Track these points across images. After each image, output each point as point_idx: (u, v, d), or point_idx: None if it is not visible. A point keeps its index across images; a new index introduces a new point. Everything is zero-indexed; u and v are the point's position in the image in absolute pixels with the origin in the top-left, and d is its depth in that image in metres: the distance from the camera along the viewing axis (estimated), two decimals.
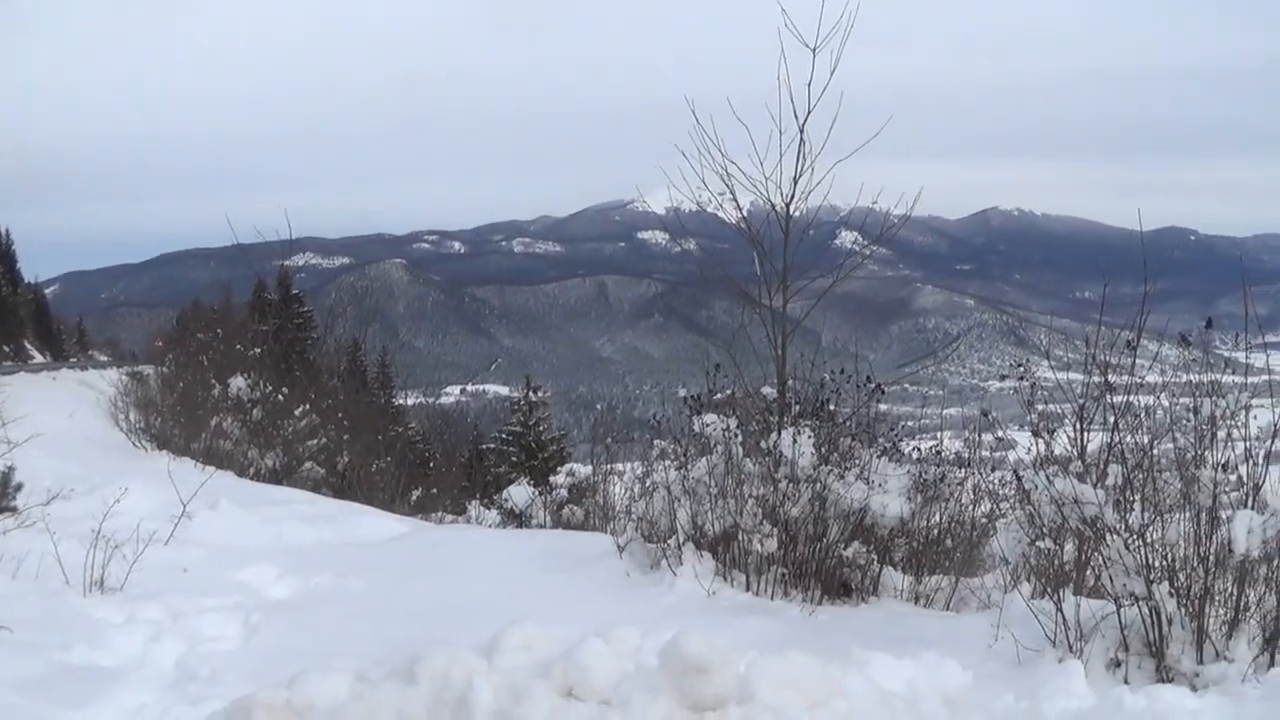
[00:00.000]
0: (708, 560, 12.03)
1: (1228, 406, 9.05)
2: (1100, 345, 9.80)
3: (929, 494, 12.31)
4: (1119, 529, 8.87)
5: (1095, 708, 6.42)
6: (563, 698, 6.50)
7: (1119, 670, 8.95)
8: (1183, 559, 9.01)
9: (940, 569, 12.63)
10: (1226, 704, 7.05)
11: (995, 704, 7.06)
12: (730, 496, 11.97)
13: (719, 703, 6.23)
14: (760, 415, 12.64)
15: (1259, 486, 8.99)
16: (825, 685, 6.45)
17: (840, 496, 11.65)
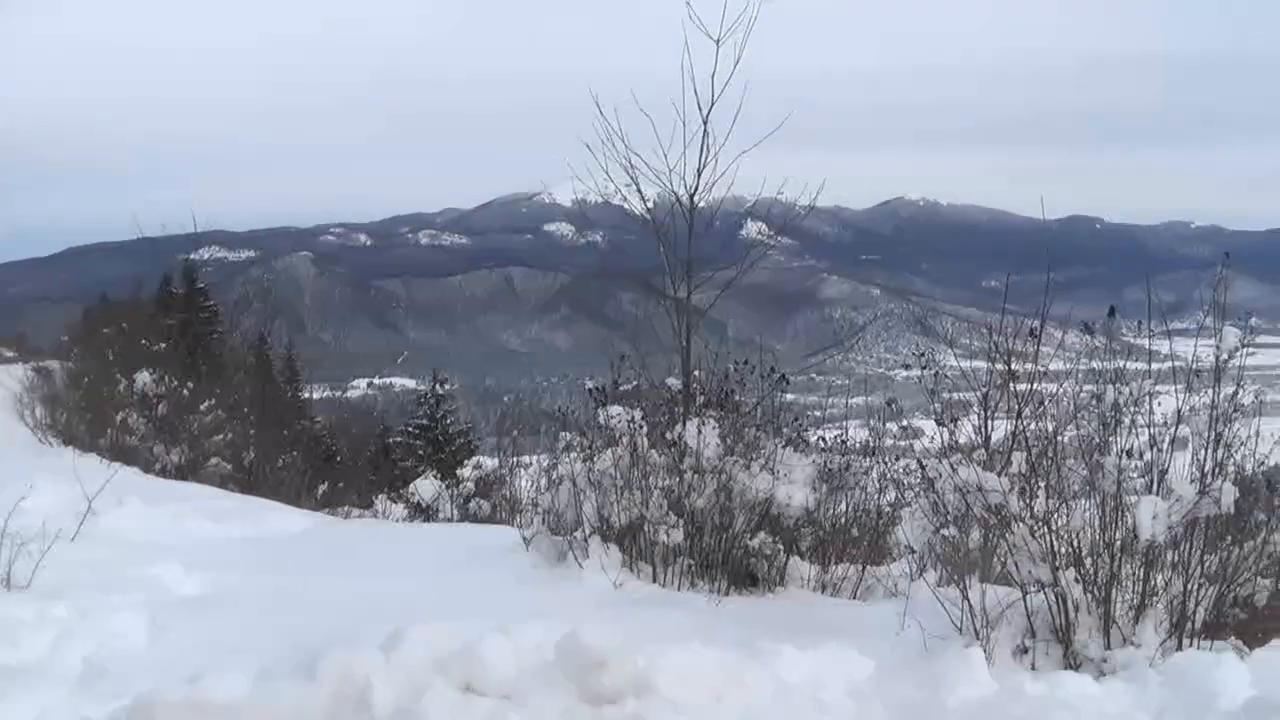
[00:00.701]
0: (614, 552, 12.01)
1: (1130, 393, 9.13)
2: (1005, 334, 9.86)
3: (834, 483, 12.36)
4: (1024, 516, 8.93)
5: (996, 695, 6.46)
6: (462, 693, 6.48)
7: (1026, 657, 9.02)
8: (1089, 545, 9.08)
9: (847, 558, 12.69)
10: (1129, 689, 7.10)
11: (897, 693, 7.09)
12: (636, 488, 11.96)
13: (617, 696, 6.22)
14: (665, 407, 12.62)
15: (1164, 472, 9.09)
16: (724, 677, 6.47)
17: (746, 487, 11.67)
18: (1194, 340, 9.37)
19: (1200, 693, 6.40)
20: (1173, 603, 9.19)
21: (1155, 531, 8.59)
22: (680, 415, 12.23)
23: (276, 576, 12.40)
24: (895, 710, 6.72)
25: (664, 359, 13.14)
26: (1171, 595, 9.21)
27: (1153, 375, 9.40)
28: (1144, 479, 9.14)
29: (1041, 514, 8.88)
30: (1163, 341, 9.42)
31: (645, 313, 13.42)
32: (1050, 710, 5.95)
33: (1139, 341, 9.63)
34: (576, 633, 6.35)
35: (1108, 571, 8.96)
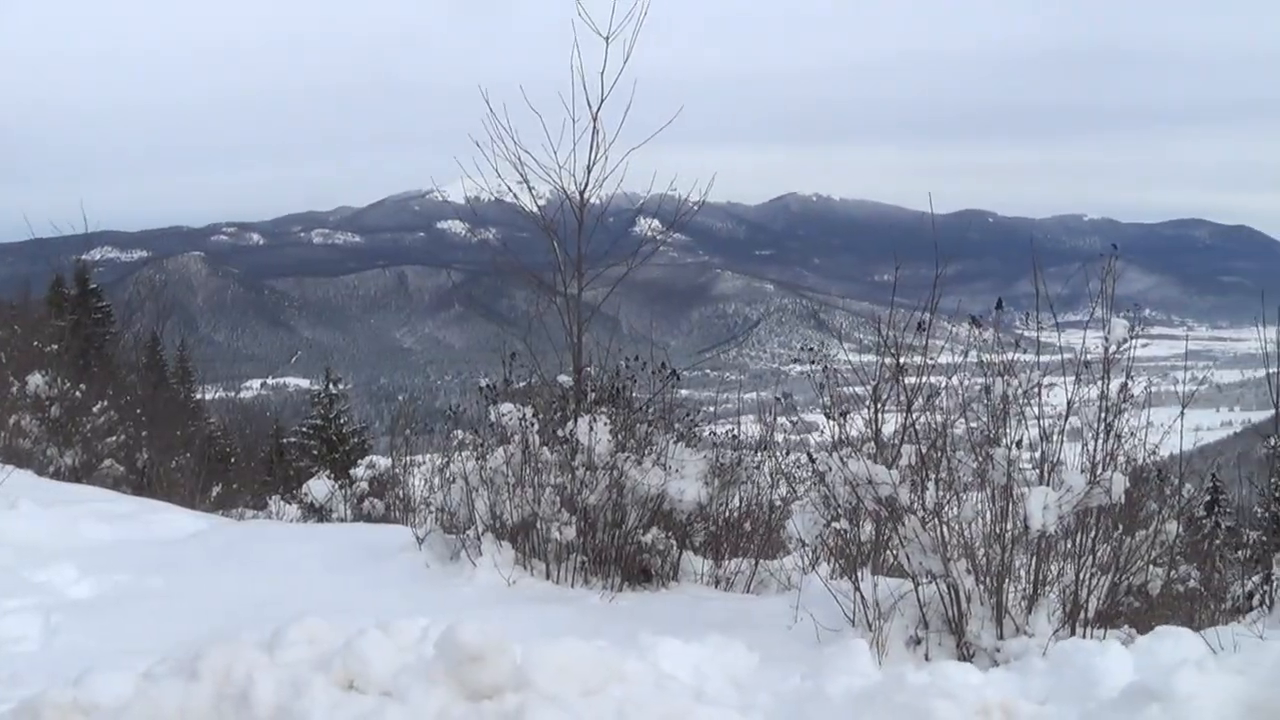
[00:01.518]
0: (507, 550, 11.96)
1: (1019, 386, 9.18)
2: (896, 327, 9.88)
3: (727, 478, 12.39)
4: (914, 508, 8.96)
5: (878, 684, 6.45)
6: (343, 690, 6.43)
7: (919, 647, 9.08)
8: (981, 537, 9.13)
9: (740, 552, 12.73)
10: (1011, 677, 7.12)
11: (782, 685, 7.08)
12: (528, 486, 11.91)
13: (495, 691, 6.20)
14: (557, 404, 12.59)
15: (1055, 463, 9.15)
16: (602, 670, 6.44)
17: (638, 483, 11.66)
18: (1084, 332, 9.43)
19: (1083, 680, 6.44)
20: (1065, 592, 9.26)
21: (1046, 522, 8.64)
22: (572, 412, 12.18)
23: (169, 578, 12.26)
24: (778, 700, 6.71)
25: (557, 356, 13.11)
26: (1064, 585, 9.29)
27: (1042, 367, 9.46)
28: (1035, 470, 9.20)
29: (932, 506, 8.91)
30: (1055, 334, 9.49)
31: (538, 310, 13.35)
32: (929, 699, 5.96)
33: (1029, 334, 9.70)
34: (454, 628, 6.31)
35: (999, 562, 9.00)
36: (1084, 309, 9.40)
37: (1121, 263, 9.59)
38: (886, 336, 9.77)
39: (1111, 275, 9.40)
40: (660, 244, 14.81)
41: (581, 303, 13.09)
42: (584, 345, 13.00)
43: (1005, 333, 9.92)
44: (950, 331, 10.15)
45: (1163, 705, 5.62)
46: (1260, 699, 5.79)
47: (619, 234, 14.89)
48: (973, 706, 6.01)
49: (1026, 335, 9.83)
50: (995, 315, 9.64)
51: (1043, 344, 9.52)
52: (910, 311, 10.02)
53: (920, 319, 9.85)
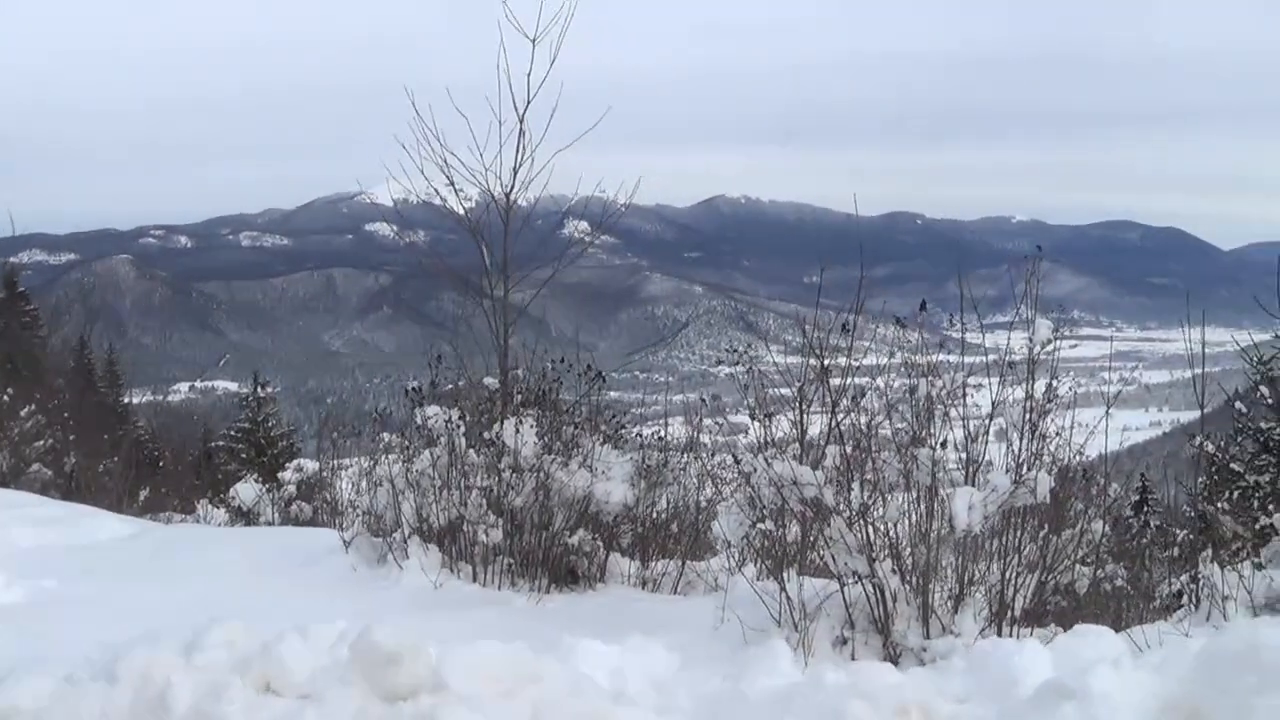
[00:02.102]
0: (434, 553, 11.94)
1: (943, 386, 9.21)
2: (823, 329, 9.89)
3: (653, 479, 12.38)
4: (840, 509, 8.96)
5: (797, 685, 6.47)
6: (261, 693, 6.44)
7: (845, 647, 9.08)
8: (907, 536, 9.15)
9: (667, 553, 12.72)
10: (932, 677, 7.14)
11: (703, 686, 7.08)
12: (454, 488, 11.89)
13: (411, 693, 6.21)
14: (483, 406, 12.55)
15: (980, 464, 9.18)
16: (518, 673, 6.45)
17: (564, 485, 11.65)
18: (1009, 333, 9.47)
19: (1002, 679, 6.46)
20: (991, 591, 9.30)
21: (971, 521, 8.68)
22: (498, 414, 12.15)
23: (97, 583, 12.19)
24: (698, 702, 6.72)
25: (484, 358, 13.07)
26: (990, 584, 9.32)
27: (966, 368, 9.49)
28: (961, 470, 9.22)
29: (857, 506, 8.92)
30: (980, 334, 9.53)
31: (466, 312, 13.32)
32: (846, 699, 5.97)
33: (954, 334, 9.73)
34: (370, 631, 6.32)
35: (925, 562, 9.02)
36: (1012, 310, 9.45)
37: (1050, 264, 9.65)
38: (812, 338, 9.77)
39: (1036, 276, 9.45)
40: (588, 246, 14.82)
41: (508, 305, 13.05)
42: (512, 347, 12.97)
43: (934, 334, 9.95)
44: (875, 332, 10.16)
45: (1077, 704, 5.64)
46: (1177, 697, 5.82)
47: (547, 236, 14.88)
48: (890, 707, 6.03)
49: (954, 336, 9.87)
50: (920, 316, 9.66)
51: (970, 345, 9.56)
52: (838, 313, 10.04)
53: (845, 320, 9.87)
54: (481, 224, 13.24)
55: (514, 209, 13.08)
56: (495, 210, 13.13)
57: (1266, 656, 5.58)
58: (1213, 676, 5.75)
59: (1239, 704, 5.55)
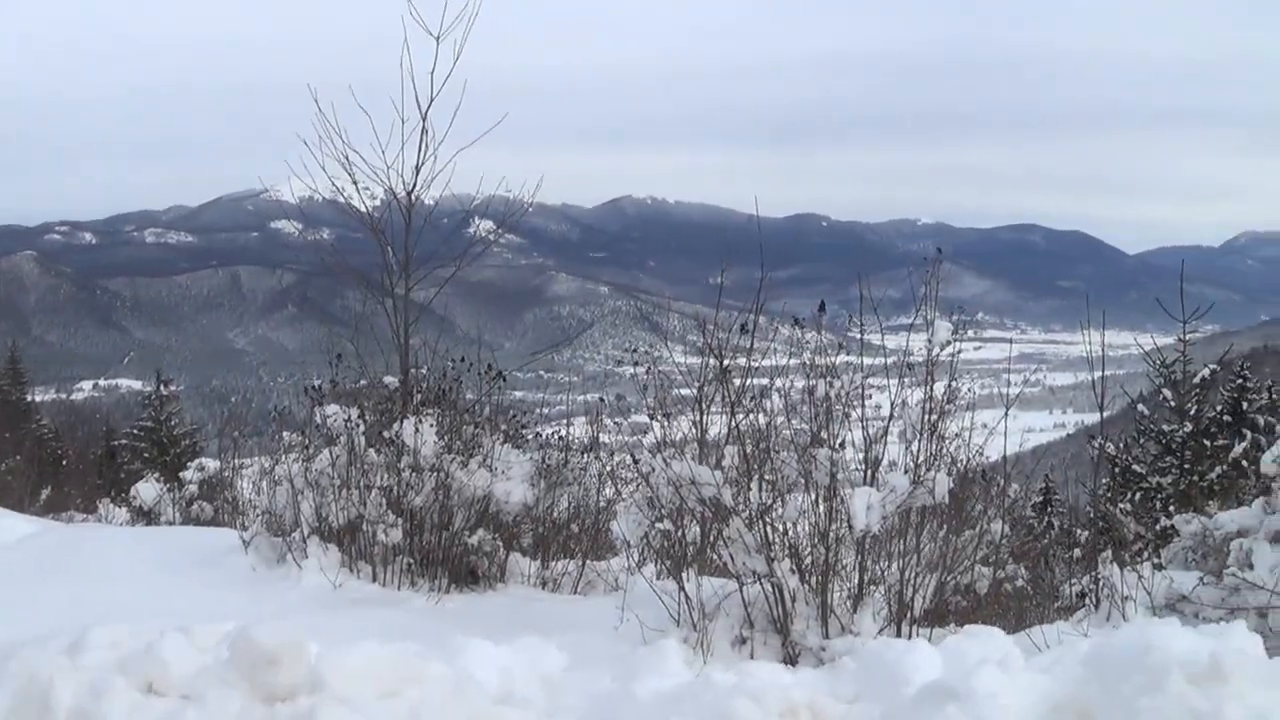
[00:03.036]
0: (333, 552, 11.85)
1: (842, 387, 9.23)
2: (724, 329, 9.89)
3: (553, 479, 12.35)
4: (738, 509, 8.96)
5: (685, 685, 6.46)
6: (143, 694, 6.39)
7: (745, 647, 9.08)
8: (806, 536, 9.16)
9: (567, 553, 12.70)
10: (822, 677, 7.15)
11: (592, 686, 7.06)
12: (354, 487, 11.80)
13: (291, 693, 6.17)
14: (383, 405, 12.48)
15: (878, 463, 9.20)
16: (399, 674, 6.42)
17: (464, 484, 11.61)
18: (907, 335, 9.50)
19: (891, 679, 6.47)
20: (890, 591, 9.32)
21: (870, 522, 8.69)
22: (398, 413, 12.08)
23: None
24: (587, 702, 6.70)
25: (384, 358, 13.01)
26: (889, 584, 9.34)
27: (866, 369, 9.52)
28: (861, 471, 9.25)
29: (756, 506, 8.91)
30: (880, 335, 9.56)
31: (370, 310, 13.24)
32: (732, 699, 5.97)
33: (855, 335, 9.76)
34: (248, 630, 6.27)
35: (824, 562, 9.03)
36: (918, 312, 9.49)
37: (955, 267, 9.70)
38: (712, 338, 9.77)
39: (936, 278, 9.48)
40: (490, 245, 14.77)
41: (410, 303, 12.99)
42: (414, 347, 12.92)
43: (838, 335, 9.98)
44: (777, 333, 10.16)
45: (960, 704, 5.66)
46: (1065, 697, 5.85)
47: (452, 235, 14.83)
48: (778, 707, 6.03)
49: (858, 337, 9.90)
50: (819, 317, 9.67)
51: (873, 346, 9.59)
52: (742, 313, 10.05)
53: (744, 321, 9.87)
54: (384, 222, 13.18)
55: (416, 207, 13.02)
56: (398, 208, 13.07)
57: (1154, 658, 5.63)
58: (1101, 677, 5.79)
59: (1126, 705, 5.58)
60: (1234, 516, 10.10)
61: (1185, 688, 5.52)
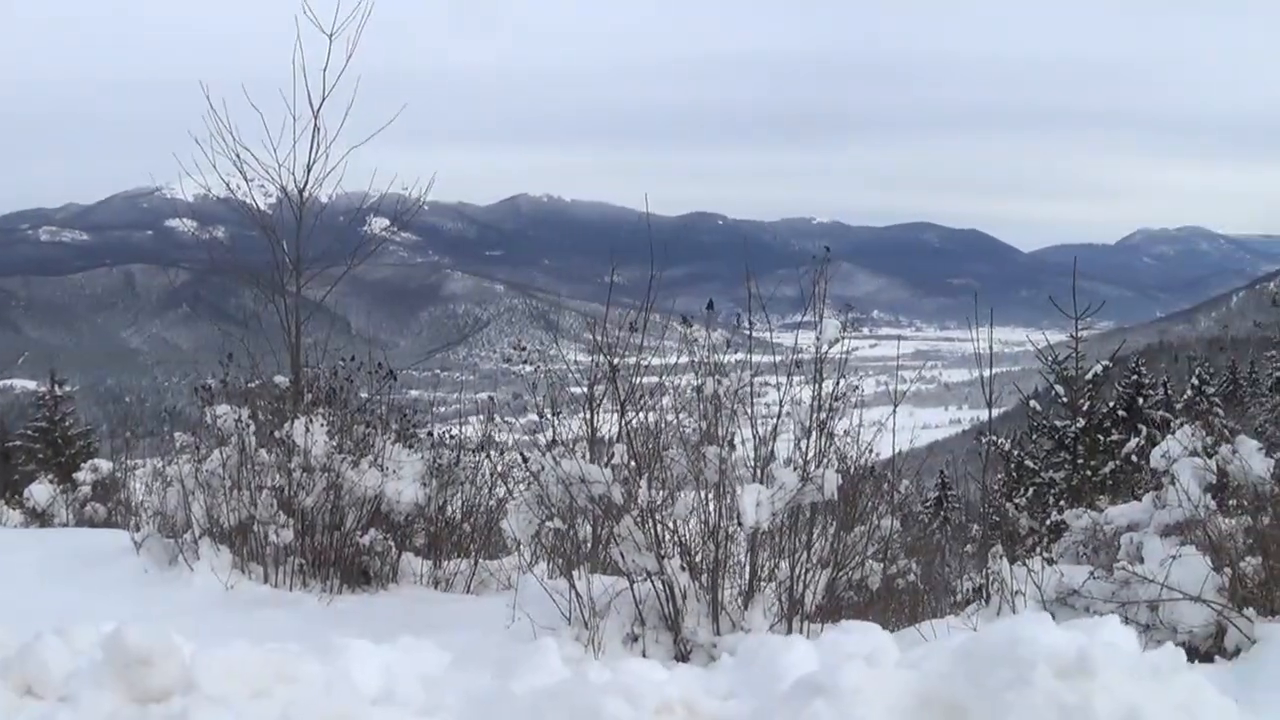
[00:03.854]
0: (225, 554, 11.77)
1: (730, 385, 9.27)
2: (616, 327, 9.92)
3: (444, 478, 12.33)
4: (628, 506, 8.98)
5: (562, 683, 6.46)
6: (20, 695, 6.36)
7: (636, 644, 9.11)
8: (697, 534, 9.20)
9: (460, 552, 12.67)
10: (699, 673, 7.19)
11: (472, 685, 7.05)
12: (245, 488, 11.72)
13: (164, 694, 6.12)
14: (274, 404, 12.41)
15: (768, 460, 9.25)
16: (271, 674, 6.39)
17: (355, 484, 11.57)
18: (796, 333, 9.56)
19: (767, 675, 6.50)
20: (781, 587, 9.37)
21: (759, 518, 8.73)
22: (289, 413, 12.02)
23: None
24: (466, 701, 6.68)
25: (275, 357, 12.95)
26: (780, 580, 9.39)
27: (754, 367, 9.57)
28: (749, 468, 9.29)
29: (646, 504, 8.94)
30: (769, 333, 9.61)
31: (264, 309, 13.18)
32: (605, 697, 5.98)
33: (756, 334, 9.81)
34: (120, 631, 6.22)
35: (714, 559, 9.08)
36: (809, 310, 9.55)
37: (850, 265, 9.77)
38: (603, 337, 9.79)
39: (824, 277, 9.54)
40: (383, 242, 14.75)
41: (303, 302, 12.94)
42: (313, 346, 12.87)
43: (733, 333, 10.03)
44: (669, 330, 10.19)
45: (828, 699, 5.69)
46: (933, 692, 5.89)
47: (348, 233, 14.79)
48: (653, 704, 6.04)
49: (753, 335, 9.95)
50: (708, 315, 9.72)
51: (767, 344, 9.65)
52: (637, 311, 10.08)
53: (632, 320, 9.91)
54: (277, 220, 13.12)
55: (309, 205, 12.97)
56: (289, 206, 13.02)
57: (1021, 652, 5.67)
58: (969, 672, 5.83)
59: (994, 699, 5.63)
60: (1124, 511, 10.24)
61: (1053, 682, 5.56)
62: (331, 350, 12.72)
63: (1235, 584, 8.70)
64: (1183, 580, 8.74)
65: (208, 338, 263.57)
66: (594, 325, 10.00)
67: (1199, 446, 9.56)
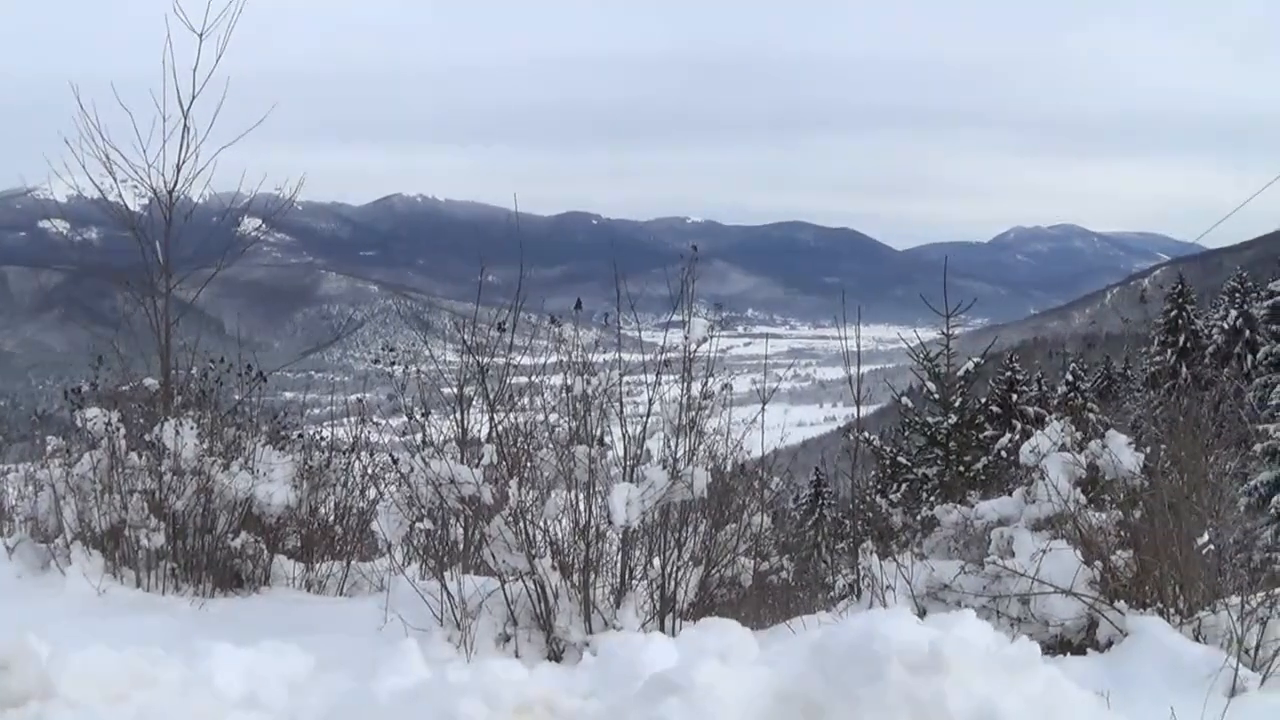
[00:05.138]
0: (97, 558, 11.65)
1: (599, 384, 9.32)
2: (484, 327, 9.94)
3: (316, 480, 12.29)
4: (498, 507, 9.01)
5: (423, 684, 6.49)
6: None
7: (509, 645, 9.14)
8: (568, 533, 9.25)
9: (332, 555, 12.63)
10: (560, 672, 7.26)
11: (335, 687, 7.07)
12: (116, 492, 11.62)
13: (21, 699, 6.12)
14: (144, 407, 12.32)
15: (639, 459, 9.31)
16: (129, 678, 6.38)
17: (225, 487, 11.50)
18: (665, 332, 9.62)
19: (626, 673, 6.54)
20: (653, 585, 9.43)
21: (629, 517, 8.79)
22: (159, 415, 11.93)
23: None
24: (327, 703, 6.70)
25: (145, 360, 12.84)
26: (652, 578, 9.45)
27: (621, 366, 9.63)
28: (620, 467, 9.35)
29: (515, 504, 8.98)
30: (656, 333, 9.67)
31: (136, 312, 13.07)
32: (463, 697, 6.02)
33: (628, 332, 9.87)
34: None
35: (584, 558, 9.13)
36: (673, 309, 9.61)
37: (724, 264, 9.87)
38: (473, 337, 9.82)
39: (692, 276, 9.61)
40: (254, 243, 14.68)
41: (175, 303, 12.86)
42: (184, 348, 12.78)
43: (608, 332, 10.08)
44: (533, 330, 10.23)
45: (681, 697, 5.75)
46: (789, 689, 5.97)
47: (221, 233, 14.69)
48: (512, 704, 6.07)
49: (629, 335, 10.01)
50: (576, 314, 9.77)
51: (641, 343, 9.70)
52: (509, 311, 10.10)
53: (502, 320, 9.94)
54: (147, 221, 13.03)
55: (180, 206, 12.89)
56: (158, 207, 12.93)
57: (875, 647, 5.76)
58: (824, 668, 5.91)
59: (847, 694, 5.72)
60: (995, 506, 10.33)
61: (905, 677, 5.65)
62: (203, 352, 12.63)
63: (1107, 577, 8.85)
64: (1054, 574, 8.86)
65: (81, 341, 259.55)
66: (465, 325, 10.01)
67: (1069, 441, 9.70)
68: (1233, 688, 7.41)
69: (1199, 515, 9.14)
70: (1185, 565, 8.70)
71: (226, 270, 13.66)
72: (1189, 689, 7.44)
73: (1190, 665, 7.72)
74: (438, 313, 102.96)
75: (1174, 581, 8.70)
